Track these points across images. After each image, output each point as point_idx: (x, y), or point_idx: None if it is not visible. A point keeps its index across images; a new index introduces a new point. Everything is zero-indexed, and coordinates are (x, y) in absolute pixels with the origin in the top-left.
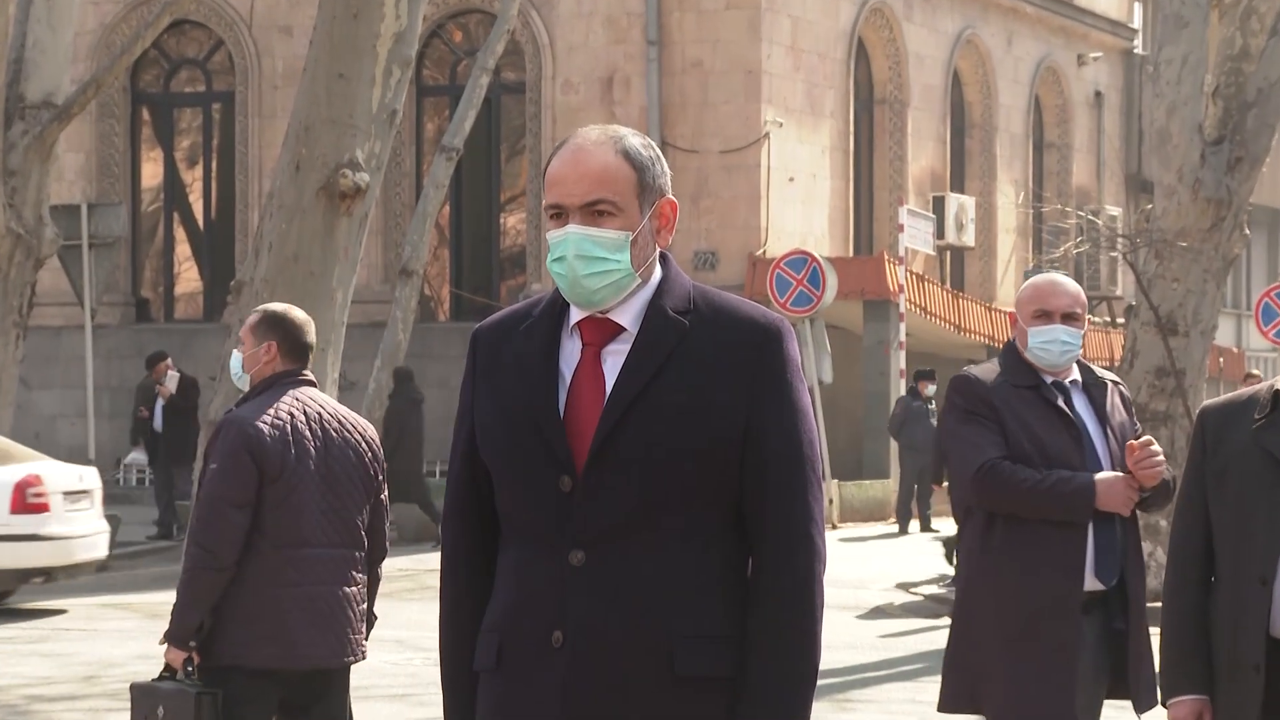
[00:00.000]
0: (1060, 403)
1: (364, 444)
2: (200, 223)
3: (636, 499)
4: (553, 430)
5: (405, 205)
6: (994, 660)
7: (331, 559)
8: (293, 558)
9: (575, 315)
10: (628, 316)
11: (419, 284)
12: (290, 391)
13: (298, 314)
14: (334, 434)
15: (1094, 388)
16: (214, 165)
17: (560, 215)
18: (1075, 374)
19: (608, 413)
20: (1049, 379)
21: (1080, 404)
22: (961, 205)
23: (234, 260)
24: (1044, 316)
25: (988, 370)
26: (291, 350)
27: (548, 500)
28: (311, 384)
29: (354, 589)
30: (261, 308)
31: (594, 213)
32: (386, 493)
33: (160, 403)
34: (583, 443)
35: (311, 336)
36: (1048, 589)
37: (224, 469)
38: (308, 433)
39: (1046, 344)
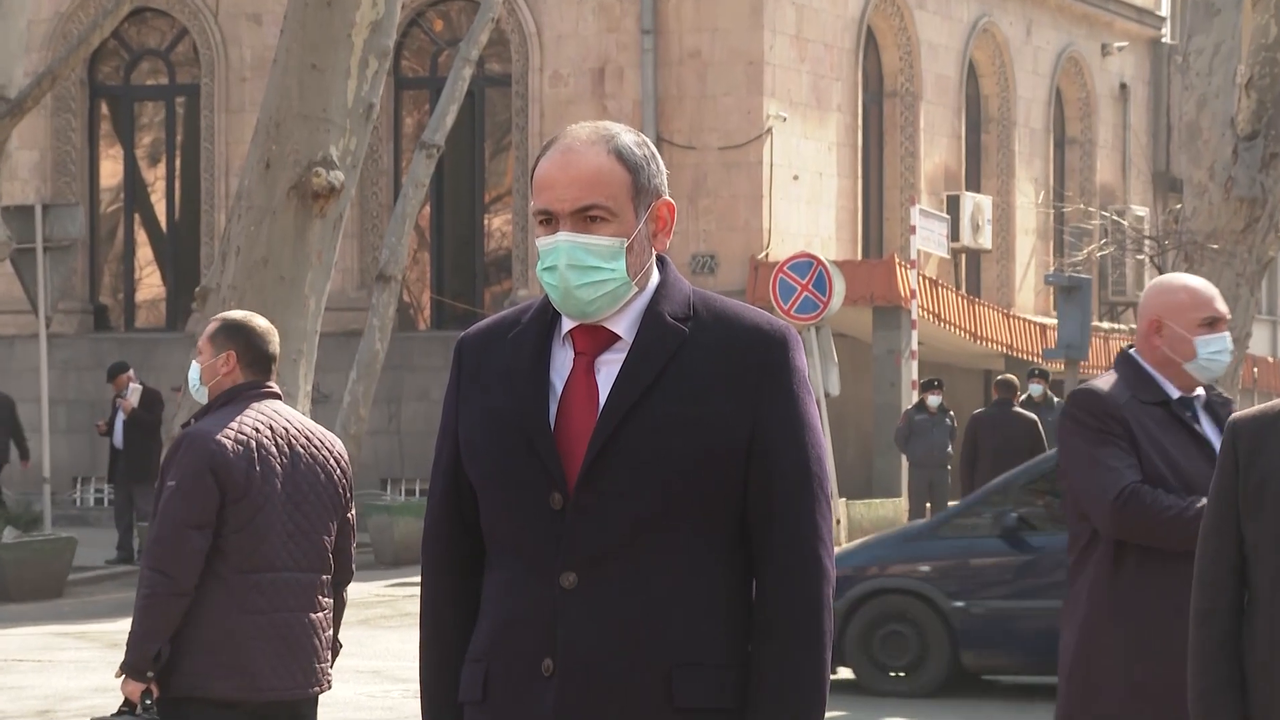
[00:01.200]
0: (1190, 421)
1: (332, 461)
2: (163, 225)
3: (632, 517)
4: (543, 444)
5: (383, 206)
6: (1120, 714)
7: (298, 584)
8: (258, 583)
9: (567, 323)
10: (623, 324)
11: (397, 290)
12: (254, 405)
13: (259, 322)
14: (301, 451)
15: (1219, 405)
16: (178, 163)
17: (550, 221)
18: (1199, 389)
19: (601, 425)
20: (1176, 394)
21: (1206, 423)
22: (977, 205)
23: (199, 265)
24: (1212, 324)
25: (1110, 384)
26: (253, 361)
27: (537, 519)
28: (277, 396)
29: (320, 615)
30: (220, 315)
31: (586, 219)
32: (354, 512)
33: (121, 417)
34: (575, 457)
35: (274, 345)
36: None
37: (183, 488)
38: (274, 449)
39: (1217, 354)
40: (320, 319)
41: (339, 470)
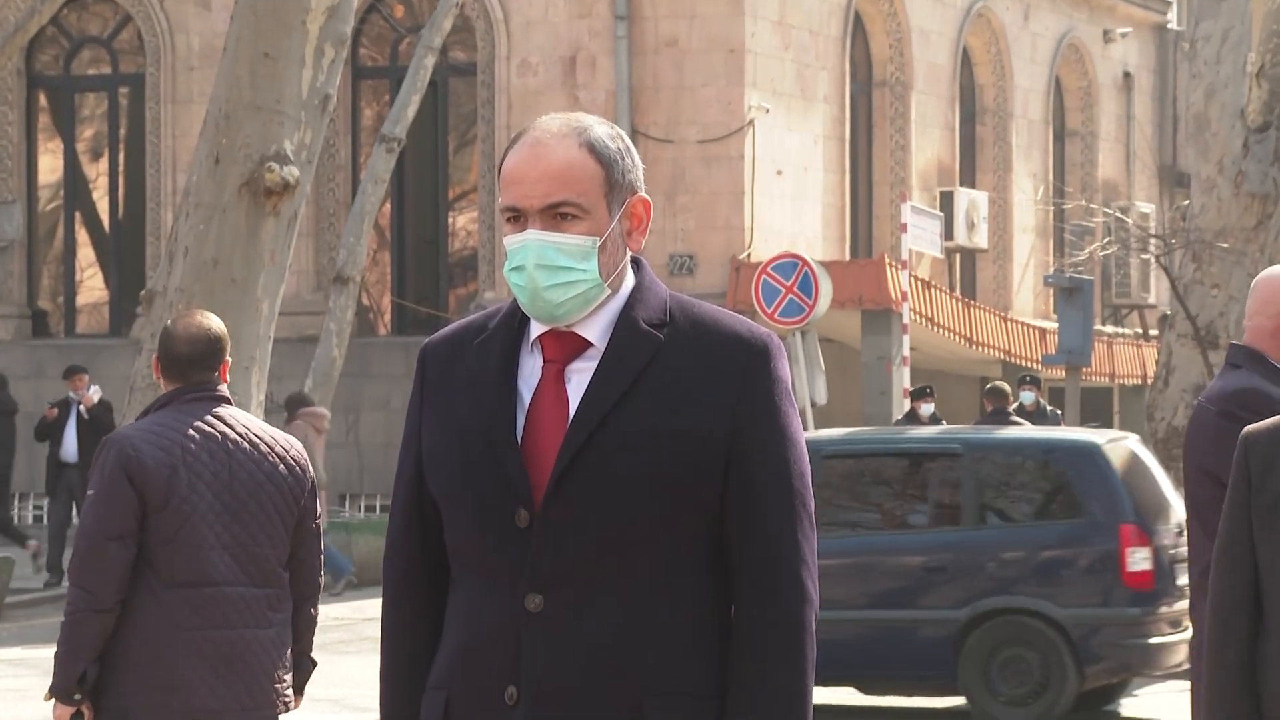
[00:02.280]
0: None
1: (284, 467)
2: (105, 224)
3: (602, 536)
4: (509, 458)
5: (340, 203)
6: None
7: (239, 599)
8: (190, 598)
9: (536, 329)
10: (595, 330)
11: (356, 293)
12: (188, 409)
13: (187, 322)
14: (243, 457)
15: None
16: (121, 158)
17: (518, 219)
18: None
19: (570, 438)
20: None
21: None
22: (973, 202)
23: (144, 266)
24: None
25: (1255, 383)
26: (167, 366)
27: (502, 536)
28: (220, 400)
29: (270, 632)
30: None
31: (556, 215)
32: (321, 522)
33: (76, 412)
34: (542, 472)
35: (195, 348)
36: None
37: (100, 496)
38: (205, 455)
39: None
40: (274, 324)
41: (292, 478)
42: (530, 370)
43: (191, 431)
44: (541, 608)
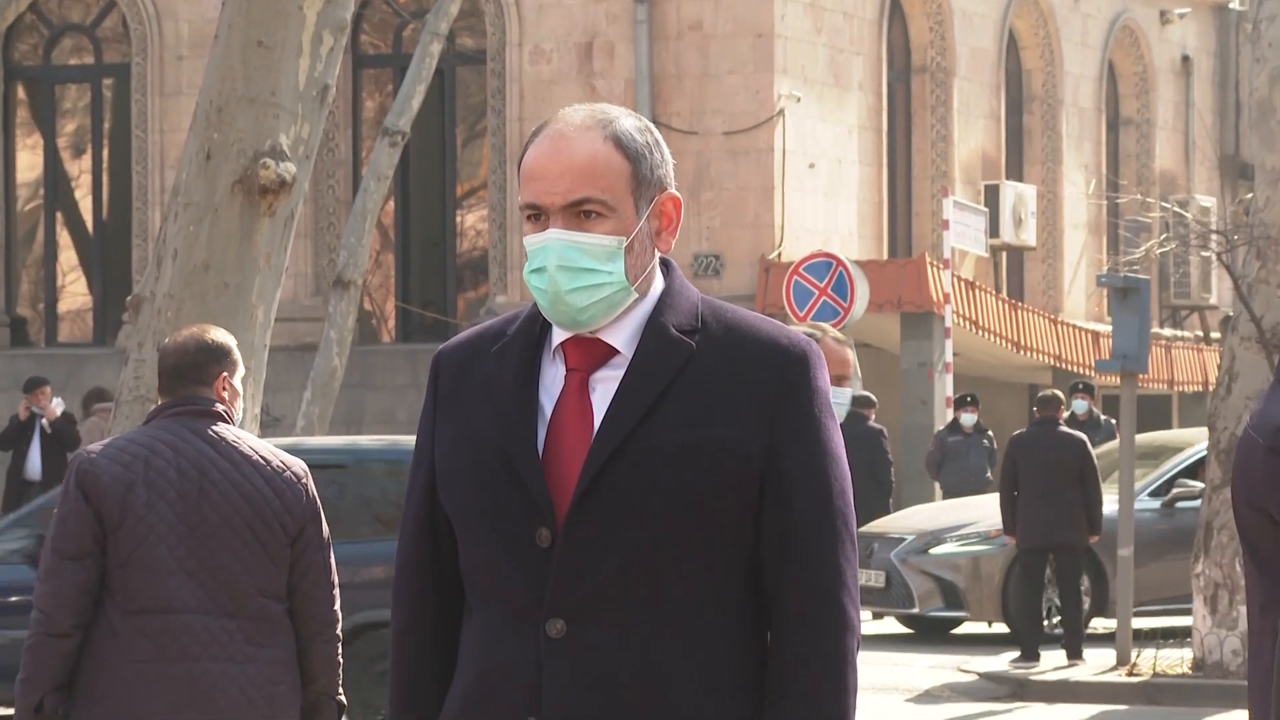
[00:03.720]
0: None
1: (271, 488)
2: (89, 225)
3: (629, 558)
4: (530, 473)
5: (340, 202)
6: None
7: (203, 629)
8: (145, 626)
9: (558, 335)
10: (621, 337)
11: (357, 297)
12: (170, 423)
13: (184, 333)
14: (218, 476)
15: None
16: (105, 154)
17: (538, 217)
18: None
19: (595, 452)
20: None
21: None
22: (1020, 196)
23: (130, 270)
24: None
25: None
26: (159, 378)
27: (522, 558)
28: (210, 415)
29: (248, 668)
30: None
31: (579, 214)
32: (328, 550)
33: (40, 428)
34: (565, 489)
35: (182, 359)
36: None
37: (59, 514)
38: (173, 472)
39: None
40: (270, 331)
41: (279, 501)
42: (552, 379)
43: (162, 446)
44: (564, 634)
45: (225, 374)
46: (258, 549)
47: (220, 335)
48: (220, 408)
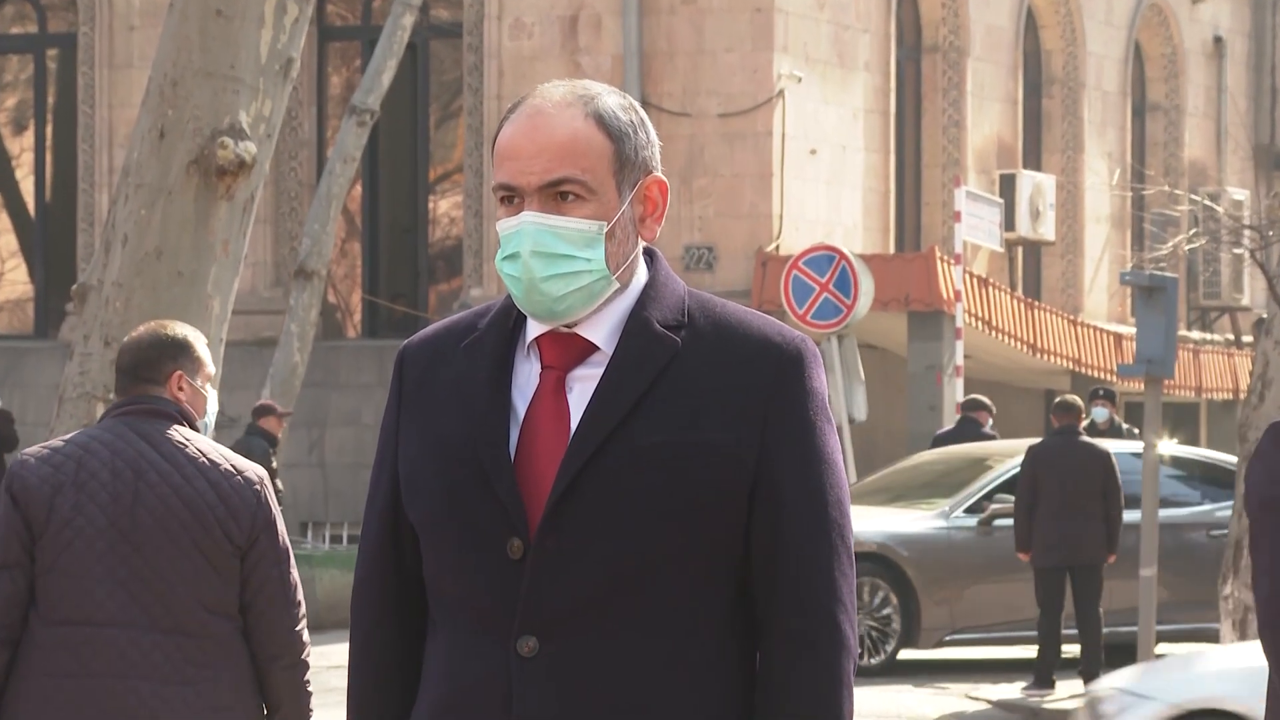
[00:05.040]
0: None
1: (217, 494)
2: (30, 207)
3: (607, 570)
4: (501, 479)
5: (304, 185)
6: None
7: (131, 644)
8: (68, 639)
9: (533, 330)
10: (601, 332)
11: (321, 289)
12: (114, 423)
13: (140, 330)
14: (157, 478)
15: None
16: (49, 131)
17: (513, 199)
18: None
19: (571, 456)
20: None
21: None
22: (1038, 186)
23: (75, 257)
24: None
25: None
26: (117, 379)
27: (492, 570)
28: (159, 415)
29: (185, 690)
30: None
31: (557, 195)
32: (287, 565)
33: None
34: (539, 496)
35: (134, 355)
36: None
37: None
38: (107, 474)
39: None
40: (226, 324)
41: (224, 507)
42: (526, 378)
43: (98, 446)
44: (536, 652)
45: (180, 372)
46: (198, 558)
47: (180, 330)
48: (173, 409)
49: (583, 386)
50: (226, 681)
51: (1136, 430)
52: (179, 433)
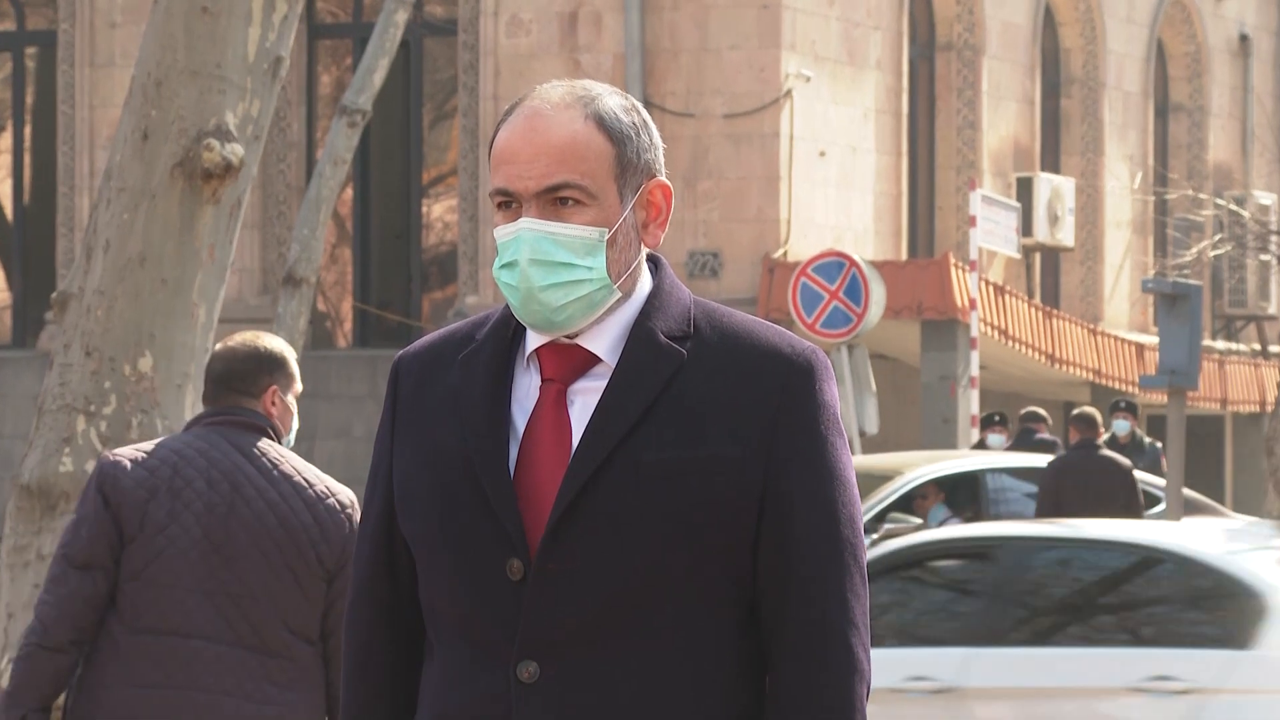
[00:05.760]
0: None
1: (311, 515)
2: (9, 211)
3: (610, 592)
4: (500, 497)
5: (292, 188)
6: None
7: (216, 659)
8: (151, 649)
9: (533, 341)
10: (603, 343)
11: (310, 296)
12: (206, 432)
13: (237, 338)
14: (253, 493)
15: None
16: (27, 132)
17: (510, 205)
18: None
19: (572, 473)
20: None
21: None
22: (1056, 190)
23: (55, 263)
24: None
25: None
26: (207, 388)
27: (491, 592)
28: (253, 429)
29: (268, 710)
30: None
31: (555, 201)
32: None
33: None
34: (540, 514)
35: (229, 365)
36: None
37: (76, 518)
38: (203, 483)
39: None
40: (213, 333)
41: (319, 529)
42: (526, 391)
43: (194, 454)
44: (536, 677)
45: (276, 387)
46: (289, 578)
47: (275, 344)
48: (266, 423)
49: (584, 400)
50: (304, 706)
51: (1160, 444)
52: (273, 448)
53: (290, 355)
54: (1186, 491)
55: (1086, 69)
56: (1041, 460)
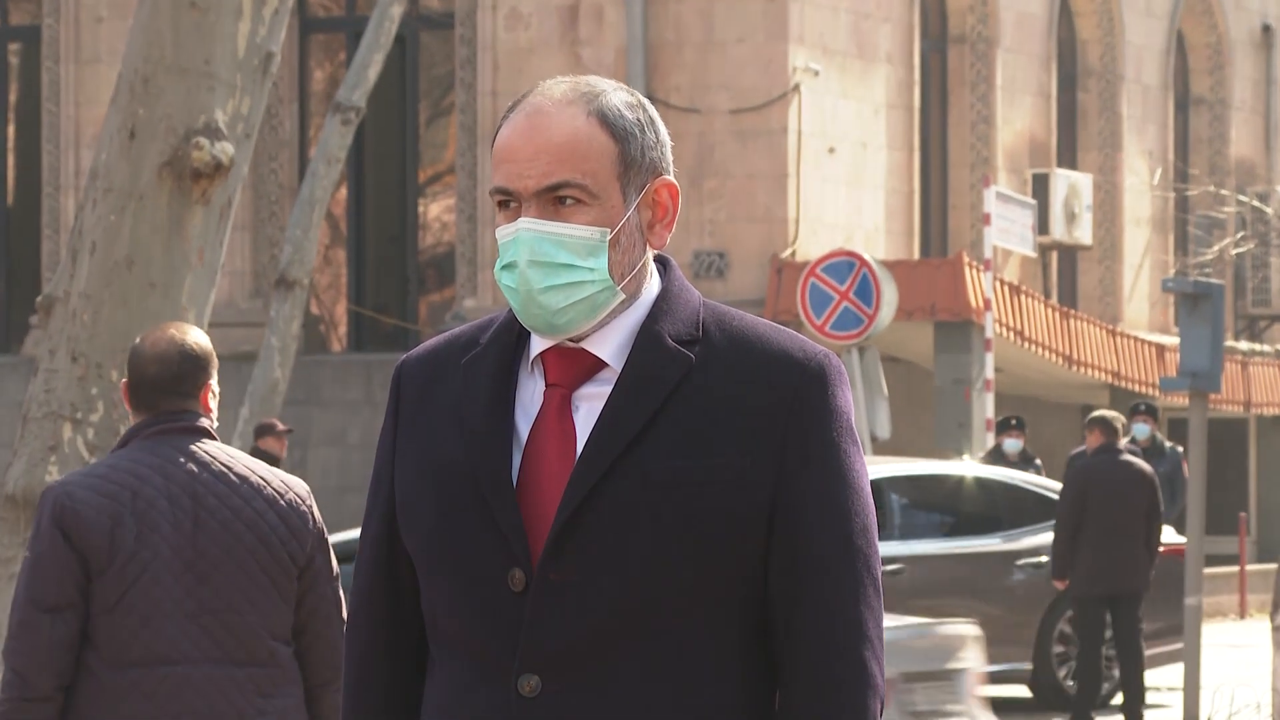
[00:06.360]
0: None
1: (274, 513)
2: None
3: (614, 604)
4: (502, 506)
5: (285, 188)
6: None
7: (208, 681)
8: (141, 682)
9: (537, 345)
10: (609, 347)
11: (304, 299)
12: (154, 443)
13: (158, 337)
14: (215, 502)
15: None
16: (10, 131)
17: (511, 205)
18: None
19: (576, 481)
20: None
21: None
22: (1073, 186)
23: (40, 266)
24: None
25: None
26: (134, 391)
27: (493, 604)
28: (198, 432)
29: None
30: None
31: (556, 200)
32: (338, 583)
33: None
34: (543, 524)
35: (166, 368)
36: None
37: (32, 559)
38: (164, 501)
39: None
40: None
41: (285, 527)
42: (529, 396)
43: (148, 472)
44: (538, 692)
45: (210, 383)
46: (265, 584)
47: (199, 336)
48: (205, 422)
49: (589, 406)
50: (288, 710)
51: (1181, 448)
52: (221, 450)
53: (209, 343)
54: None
55: (1104, 61)
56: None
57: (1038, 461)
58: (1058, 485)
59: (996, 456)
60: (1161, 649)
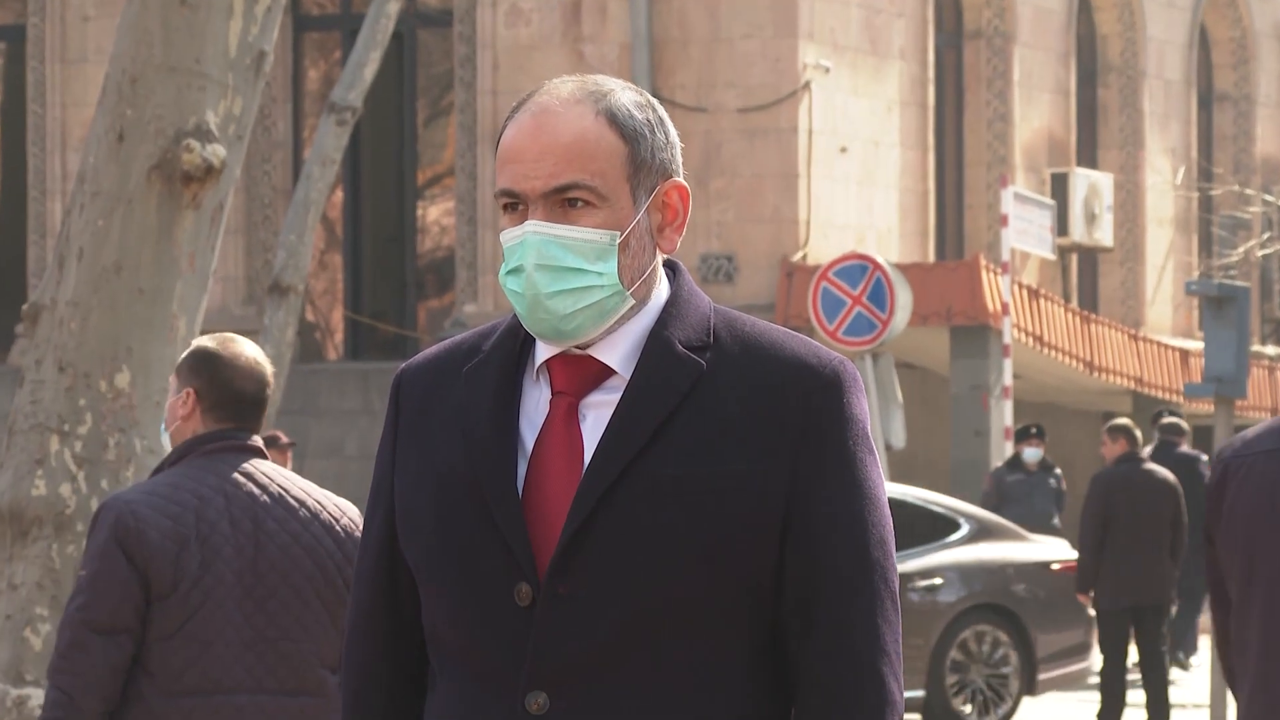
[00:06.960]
0: None
1: (331, 539)
2: None
3: (623, 618)
4: (507, 518)
5: (278, 191)
6: None
7: (260, 709)
8: (195, 711)
9: (543, 352)
10: (617, 354)
11: (299, 306)
12: (213, 461)
13: (238, 350)
14: (274, 526)
15: None
16: None
17: (517, 207)
18: None
19: (583, 492)
20: None
21: None
22: (1093, 186)
23: (25, 272)
24: None
25: None
26: (217, 403)
27: (498, 619)
28: (251, 451)
29: None
30: (197, 340)
31: (564, 203)
32: None
33: None
34: (550, 536)
35: (254, 384)
36: None
37: (90, 577)
38: (227, 525)
39: None
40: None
41: (341, 553)
42: (535, 405)
43: (209, 492)
44: (545, 710)
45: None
46: (321, 612)
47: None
48: (258, 440)
49: (597, 414)
50: None
51: (1204, 456)
52: (275, 470)
53: None
54: (989, 516)
55: (1125, 56)
56: None
57: (1057, 471)
58: (948, 500)
59: (1014, 465)
60: (1065, 670)
